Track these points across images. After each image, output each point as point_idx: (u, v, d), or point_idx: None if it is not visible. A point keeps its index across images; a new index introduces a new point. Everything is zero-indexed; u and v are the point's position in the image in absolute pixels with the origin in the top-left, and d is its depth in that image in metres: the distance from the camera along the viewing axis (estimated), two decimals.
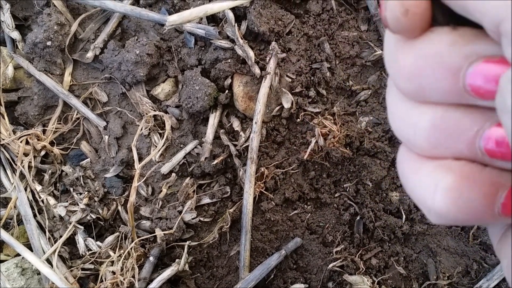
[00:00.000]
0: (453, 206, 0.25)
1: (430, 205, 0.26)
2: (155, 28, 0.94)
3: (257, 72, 0.88)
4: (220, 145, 0.92)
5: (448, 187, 0.25)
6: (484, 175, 0.25)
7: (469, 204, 0.25)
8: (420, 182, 0.27)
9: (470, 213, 0.25)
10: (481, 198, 0.24)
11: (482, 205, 0.24)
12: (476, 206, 0.25)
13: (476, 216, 0.25)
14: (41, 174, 0.95)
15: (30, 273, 0.89)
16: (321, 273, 0.88)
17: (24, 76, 0.96)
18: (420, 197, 0.27)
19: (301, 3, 0.91)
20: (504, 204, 0.24)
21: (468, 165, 0.26)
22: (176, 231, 0.87)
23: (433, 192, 0.26)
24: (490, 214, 0.25)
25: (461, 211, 0.25)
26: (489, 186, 0.25)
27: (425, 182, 0.26)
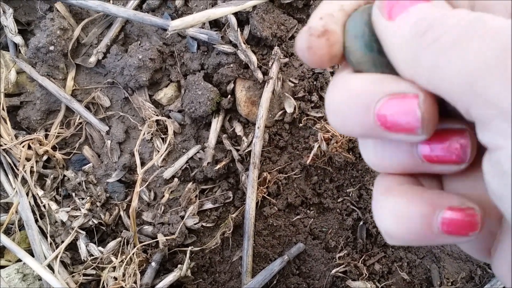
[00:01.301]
0: (397, 227, 0.28)
1: (381, 227, 0.29)
2: (158, 33, 0.95)
3: (260, 77, 0.88)
4: (223, 150, 0.92)
5: (390, 209, 0.28)
6: (424, 196, 0.28)
7: (411, 224, 0.27)
8: (375, 204, 0.30)
9: (414, 233, 0.28)
10: (420, 218, 0.27)
11: (422, 225, 0.27)
12: (417, 226, 0.27)
13: (420, 236, 0.28)
14: (43, 179, 0.95)
15: (31, 279, 0.88)
16: (324, 278, 0.88)
17: (27, 80, 0.96)
18: (375, 219, 0.30)
19: (303, 7, 0.91)
20: (443, 224, 0.27)
21: (409, 188, 0.29)
22: (178, 237, 0.87)
23: (381, 215, 0.29)
24: (432, 233, 0.27)
25: (405, 232, 0.28)
26: (427, 207, 0.27)
27: (378, 205, 0.30)
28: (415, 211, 0.27)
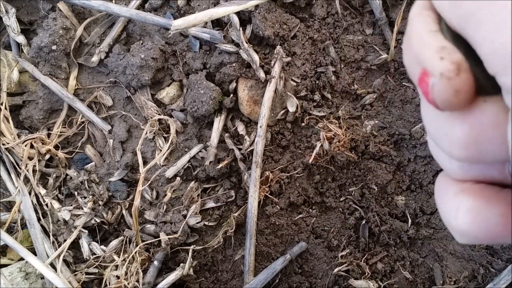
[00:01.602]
0: (473, 226, 0.27)
1: (454, 225, 0.28)
2: (160, 32, 0.95)
3: (262, 76, 0.88)
4: (225, 149, 0.92)
5: (468, 208, 0.27)
6: (501, 196, 0.27)
7: (487, 223, 0.27)
8: (446, 204, 0.29)
9: (489, 232, 0.27)
10: (497, 218, 0.26)
11: (499, 224, 0.26)
12: (494, 225, 0.26)
13: (495, 235, 0.27)
14: (45, 178, 0.95)
15: (34, 278, 0.88)
16: (326, 277, 0.88)
17: (29, 80, 0.97)
18: (446, 218, 0.29)
19: (306, 7, 0.91)
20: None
21: (486, 188, 0.28)
22: (181, 235, 0.87)
23: (455, 213, 0.28)
24: (508, 233, 0.26)
25: (481, 230, 0.27)
26: (505, 206, 0.26)
27: (449, 204, 0.29)
28: (494, 210, 0.27)
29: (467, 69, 0.26)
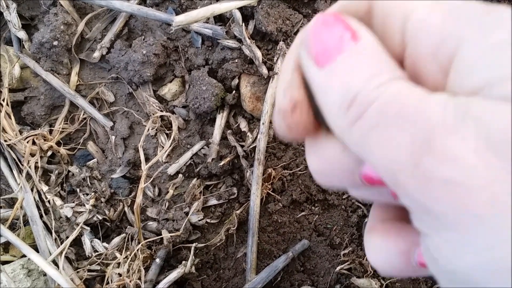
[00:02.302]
0: (380, 263, 0.30)
1: (371, 263, 0.31)
2: (162, 27, 0.94)
3: (265, 72, 0.87)
4: (227, 146, 0.91)
5: (373, 247, 0.30)
6: (402, 233, 0.29)
7: (390, 261, 0.29)
8: (365, 244, 0.32)
9: (396, 268, 0.29)
10: (398, 256, 0.29)
11: (402, 261, 0.29)
12: (396, 262, 0.29)
13: (402, 271, 0.29)
14: (47, 174, 0.94)
15: (36, 274, 0.88)
16: (329, 275, 0.87)
17: (31, 76, 0.96)
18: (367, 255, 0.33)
19: (309, 2, 0.90)
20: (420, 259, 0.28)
21: (392, 226, 0.30)
22: (183, 233, 0.87)
23: (368, 253, 0.31)
24: (412, 268, 0.28)
25: (389, 267, 0.30)
26: (404, 244, 0.29)
27: (365, 244, 0.32)
28: (394, 249, 0.29)
29: (304, 108, 0.28)
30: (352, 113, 0.25)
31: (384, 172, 0.24)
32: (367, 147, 0.25)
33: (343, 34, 0.27)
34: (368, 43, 0.27)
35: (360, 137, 0.25)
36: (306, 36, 0.28)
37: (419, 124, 0.23)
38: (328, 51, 0.27)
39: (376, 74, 0.25)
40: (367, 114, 0.24)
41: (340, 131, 0.26)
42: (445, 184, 0.22)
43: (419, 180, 0.22)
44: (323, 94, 0.27)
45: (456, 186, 0.21)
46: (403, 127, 0.23)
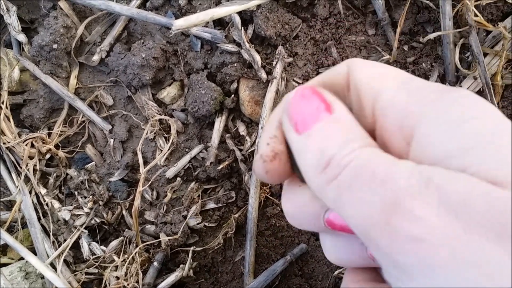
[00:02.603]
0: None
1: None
2: (161, 31, 0.94)
3: (264, 77, 0.87)
4: (226, 149, 0.91)
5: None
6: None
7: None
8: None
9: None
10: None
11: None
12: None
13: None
14: (46, 177, 0.95)
15: (34, 277, 0.88)
16: (327, 280, 0.87)
17: (30, 78, 0.96)
18: None
19: (308, 7, 0.91)
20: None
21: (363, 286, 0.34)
22: (181, 236, 0.87)
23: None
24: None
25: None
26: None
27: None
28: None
29: (283, 159, 0.33)
30: (328, 174, 0.29)
31: (356, 227, 0.28)
32: (341, 204, 0.28)
33: (319, 105, 0.31)
34: (341, 115, 0.31)
35: (335, 195, 0.28)
36: (287, 105, 0.32)
37: (388, 187, 0.26)
38: (306, 120, 0.31)
39: (348, 141, 0.29)
40: (341, 176, 0.28)
41: (317, 188, 0.30)
42: (411, 240, 0.25)
43: (389, 235, 0.25)
44: (301, 156, 0.31)
45: (421, 242, 0.24)
46: (374, 189, 0.26)
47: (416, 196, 0.25)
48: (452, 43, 0.83)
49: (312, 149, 0.30)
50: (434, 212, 0.24)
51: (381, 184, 0.26)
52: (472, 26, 0.81)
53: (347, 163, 0.28)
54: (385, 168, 0.27)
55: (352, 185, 0.27)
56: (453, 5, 0.82)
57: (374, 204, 0.26)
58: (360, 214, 0.27)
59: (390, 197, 0.26)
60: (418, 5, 0.86)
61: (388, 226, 0.25)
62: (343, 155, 0.28)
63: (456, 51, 0.83)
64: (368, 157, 0.28)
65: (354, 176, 0.27)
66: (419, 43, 0.87)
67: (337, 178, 0.28)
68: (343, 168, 0.28)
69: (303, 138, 0.31)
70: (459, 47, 0.84)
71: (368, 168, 0.27)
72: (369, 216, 0.26)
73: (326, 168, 0.29)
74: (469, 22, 0.81)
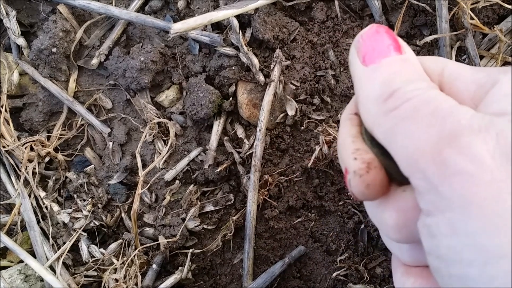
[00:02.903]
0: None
1: None
2: (160, 35, 0.95)
3: (261, 80, 0.87)
4: (224, 152, 0.92)
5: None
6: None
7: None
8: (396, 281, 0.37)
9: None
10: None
11: None
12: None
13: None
14: (45, 180, 0.95)
15: (33, 280, 0.89)
16: (325, 282, 0.88)
17: (29, 82, 0.97)
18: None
19: (305, 10, 0.91)
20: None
21: (424, 270, 0.35)
22: (180, 239, 0.87)
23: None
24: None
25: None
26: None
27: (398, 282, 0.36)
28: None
29: (377, 166, 0.32)
30: (388, 104, 0.30)
31: (405, 156, 0.29)
32: (394, 135, 0.29)
33: (390, 44, 0.32)
34: (410, 57, 0.32)
35: (390, 125, 0.30)
36: (358, 37, 0.34)
37: (449, 121, 0.27)
38: (375, 54, 0.32)
39: (415, 80, 0.31)
40: (402, 107, 0.29)
41: (373, 118, 0.31)
42: (460, 173, 0.26)
43: (439, 166, 0.26)
44: (362, 86, 0.32)
45: (469, 177, 0.25)
46: (432, 123, 0.28)
47: (475, 134, 0.26)
48: (448, 45, 0.84)
49: (377, 81, 0.31)
50: (490, 153, 0.25)
51: (442, 118, 0.27)
52: (468, 29, 0.82)
53: (411, 97, 0.29)
54: (449, 106, 0.28)
55: (411, 116, 0.28)
56: (450, 8, 0.82)
57: (430, 135, 0.27)
58: (413, 144, 0.28)
59: (448, 130, 0.27)
60: (415, 8, 0.87)
61: (440, 157, 0.26)
62: (409, 90, 0.30)
63: (452, 53, 0.84)
64: (433, 96, 0.29)
65: (415, 109, 0.29)
66: (416, 46, 0.87)
67: (398, 109, 0.29)
68: (406, 101, 0.29)
69: (369, 70, 0.32)
70: (456, 50, 0.84)
71: (431, 104, 0.28)
72: (422, 146, 0.27)
73: (387, 99, 0.30)
74: (465, 25, 0.82)
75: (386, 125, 0.30)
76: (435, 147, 0.27)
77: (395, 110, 0.29)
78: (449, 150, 0.26)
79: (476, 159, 0.25)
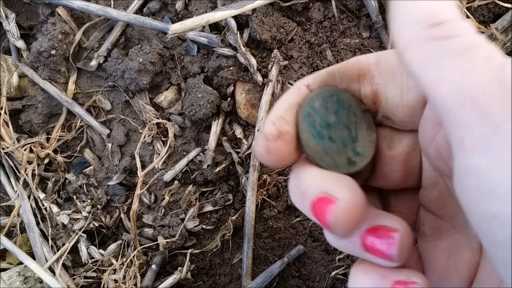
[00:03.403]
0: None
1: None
2: (158, 36, 0.95)
3: (259, 80, 0.88)
4: (223, 152, 0.92)
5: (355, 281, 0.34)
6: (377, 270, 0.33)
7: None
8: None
9: None
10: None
11: None
12: None
13: None
14: (44, 182, 0.95)
15: (32, 281, 0.89)
16: (324, 280, 0.88)
17: (29, 84, 0.97)
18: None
19: (303, 10, 0.92)
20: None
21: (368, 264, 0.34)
22: (179, 239, 0.87)
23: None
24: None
25: None
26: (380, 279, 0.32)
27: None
28: (371, 284, 0.32)
29: (288, 140, 0.32)
30: (436, 31, 0.27)
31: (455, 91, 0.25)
32: (439, 66, 0.26)
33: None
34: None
35: (436, 54, 0.26)
36: None
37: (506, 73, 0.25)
38: None
39: (461, 19, 0.27)
40: (453, 40, 0.26)
41: (410, 40, 0.27)
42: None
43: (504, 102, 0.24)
44: (406, 4, 0.28)
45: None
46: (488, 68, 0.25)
47: None
48: None
49: (424, 6, 0.28)
50: None
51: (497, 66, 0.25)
52: None
53: (461, 34, 0.27)
54: (501, 56, 0.26)
55: (463, 54, 0.26)
56: None
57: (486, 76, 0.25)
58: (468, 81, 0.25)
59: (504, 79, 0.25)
60: None
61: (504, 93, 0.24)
62: (458, 27, 0.27)
63: None
64: (482, 41, 0.27)
65: (468, 47, 0.26)
66: None
67: (447, 39, 0.26)
68: (456, 36, 0.26)
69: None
70: None
71: (482, 49, 0.26)
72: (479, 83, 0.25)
73: (434, 26, 0.27)
74: None
75: (429, 52, 0.26)
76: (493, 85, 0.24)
77: (443, 39, 0.26)
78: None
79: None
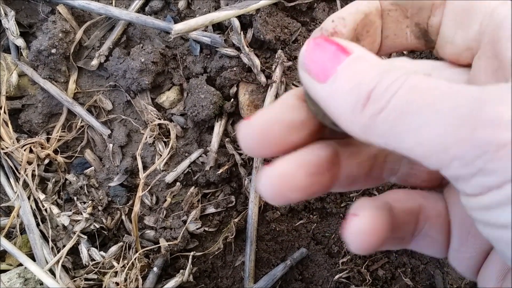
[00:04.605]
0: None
1: None
2: (161, 35, 0.94)
3: (263, 81, 0.87)
4: (225, 154, 0.91)
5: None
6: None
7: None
8: None
9: None
10: None
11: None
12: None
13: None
14: (44, 182, 0.94)
15: (32, 283, 0.88)
16: (327, 284, 0.87)
17: (29, 83, 0.96)
18: None
19: (307, 11, 0.91)
20: None
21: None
22: (181, 241, 0.86)
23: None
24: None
25: None
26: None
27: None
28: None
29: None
30: (371, 109, 0.26)
31: (425, 154, 0.25)
32: (397, 136, 0.25)
33: (335, 50, 0.29)
34: (362, 53, 0.28)
35: (387, 129, 0.25)
36: (302, 59, 0.30)
37: (460, 101, 0.23)
38: (327, 66, 0.28)
39: (386, 71, 0.26)
40: (391, 105, 0.25)
41: (360, 130, 0.27)
42: (504, 146, 0.22)
43: (478, 148, 0.23)
44: (331, 103, 0.28)
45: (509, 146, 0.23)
46: (438, 109, 0.24)
47: (499, 103, 0.23)
48: None
49: (344, 90, 0.27)
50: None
51: (447, 101, 0.24)
52: None
53: (394, 91, 0.25)
54: (445, 87, 0.24)
55: (408, 111, 0.25)
56: None
57: (446, 124, 0.24)
58: (429, 138, 0.24)
59: (466, 110, 0.23)
60: None
61: (473, 138, 0.23)
62: (387, 85, 0.26)
63: None
64: (419, 81, 0.25)
65: (408, 100, 0.25)
66: None
67: (386, 108, 0.25)
68: (391, 96, 0.25)
69: (330, 84, 0.28)
70: None
71: (424, 90, 0.25)
72: (442, 136, 0.24)
73: (366, 105, 0.26)
74: None
75: (381, 130, 0.26)
76: (461, 132, 0.23)
77: (383, 111, 0.26)
78: (481, 129, 0.23)
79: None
